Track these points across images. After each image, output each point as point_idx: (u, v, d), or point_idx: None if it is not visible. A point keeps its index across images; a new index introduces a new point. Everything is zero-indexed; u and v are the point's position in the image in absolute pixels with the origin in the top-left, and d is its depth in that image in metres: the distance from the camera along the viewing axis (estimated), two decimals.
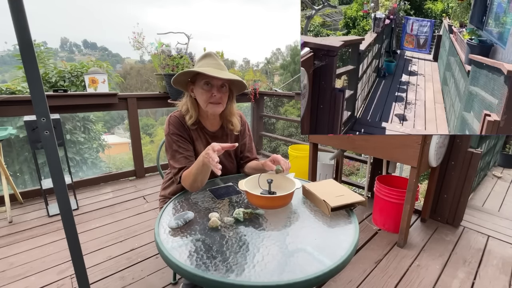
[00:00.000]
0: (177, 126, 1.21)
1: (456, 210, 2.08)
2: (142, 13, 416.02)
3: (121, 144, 9.96)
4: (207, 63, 1.18)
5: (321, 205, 1.02)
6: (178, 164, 1.17)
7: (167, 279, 1.53)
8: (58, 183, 0.82)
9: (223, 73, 1.13)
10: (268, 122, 9.50)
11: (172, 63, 2.68)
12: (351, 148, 1.99)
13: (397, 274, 1.59)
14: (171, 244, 0.81)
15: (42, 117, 0.76)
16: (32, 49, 0.71)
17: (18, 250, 1.77)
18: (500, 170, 3.87)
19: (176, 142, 1.20)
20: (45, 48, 3.62)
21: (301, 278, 0.67)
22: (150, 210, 2.33)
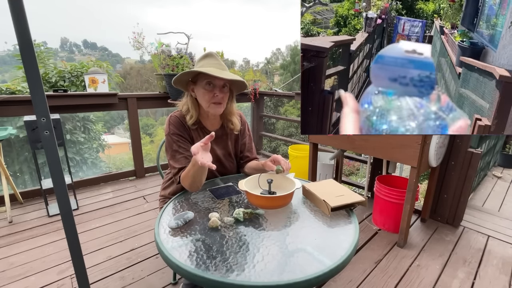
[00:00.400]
0: (178, 126, 1.21)
1: (456, 210, 2.08)
2: (142, 13, 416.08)
3: (121, 144, 9.97)
4: (208, 63, 1.18)
5: (321, 205, 1.02)
6: (178, 164, 1.17)
7: (167, 279, 1.53)
8: (58, 183, 0.82)
9: (225, 73, 1.13)
10: (268, 122, 9.50)
11: (172, 63, 2.68)
12: (351, 148, 1.99)
13: (397, 274, 1.59)
14: (171, 244, 0.81)
15: (42, 117, 0.76)
16: (32, 49, 0.71)
17: (18, 250, 1.77)
18: (500, 170, 3.87)
19: (176, 142, 1.20)
20: (45, 48, 3.62)
21: (301, 278, 0.67)
22: (150, 210, 2.33)
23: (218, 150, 1.32)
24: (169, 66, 2.69)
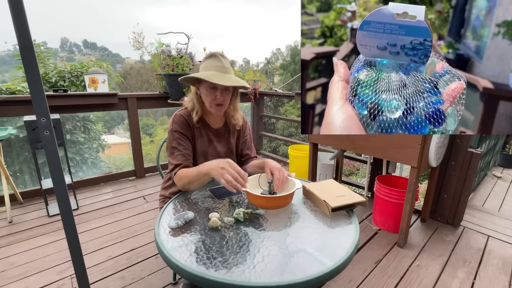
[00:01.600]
0: (181, 125, 1.23)
1: (456, 210, 2.08)
2: (142, 13, 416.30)
3: (121, 144, 9.99)
4: (212, 66, 1.18)
5: (321, 205, 1.02)
6: (175, 161, 1.20)
7: (167, 279, 1.52)
8: (58, 183, 0.82)
9: (227, 77, 1.14)
10: (268, 122, 9.50)
11: (172, 63, 2.68)
12: (351, 148, 1.99)
13: (397, 274, 1.59)
14: (171, 244, 0.81)
15: (42, 117, 0.76)
16: (32, 49, 0.71)
17: (18, 250, 1.77)
18: (500, 170, 3.87)
19: (177, 140, 1.22)
20: (45, 48, 3.62)
21: (301, 278, 0.67)
22: (150, 210, 2.33)
23: (220, 148, 1.33)
24: (169, 66, 2.69)
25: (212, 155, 1.30)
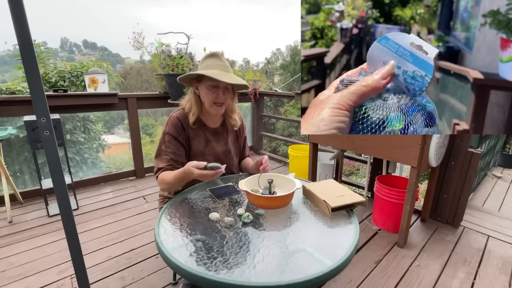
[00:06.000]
0: (176, 127, 1.23)
1: (456, 210, 2.08)
2: (142, 13, 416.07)
3: (121, 144, 9.98)
4: (213, 64, 1.18)
5: (321, 205, 1.02)
6: (161, 163, 1.22)
7: (167, 279, 1.52)
8: (58, 183, 0.82)
9: (229, 76, 1.15)
10: (268, 122, 9.49)
11: (172, 63, 2.68)
12: (351, 148, 1.99)
13: (397, 274, 1.59)
14: (171, 244, 0.81)
15: (42, 117, 0.76)
16: (32, 49, 0.71)
17: (18, 250, 1.77)
18: (500, 170, 3.87)
19: (167, 142, 1.22)
20: (45, 48, 3.61)
21: (301, 278, 0.67)
22: (150, 210, 2.33)
23: (218, 148, 1.33)
24: (169, 66, 2.69)
25: (209, 155, 1.30)
